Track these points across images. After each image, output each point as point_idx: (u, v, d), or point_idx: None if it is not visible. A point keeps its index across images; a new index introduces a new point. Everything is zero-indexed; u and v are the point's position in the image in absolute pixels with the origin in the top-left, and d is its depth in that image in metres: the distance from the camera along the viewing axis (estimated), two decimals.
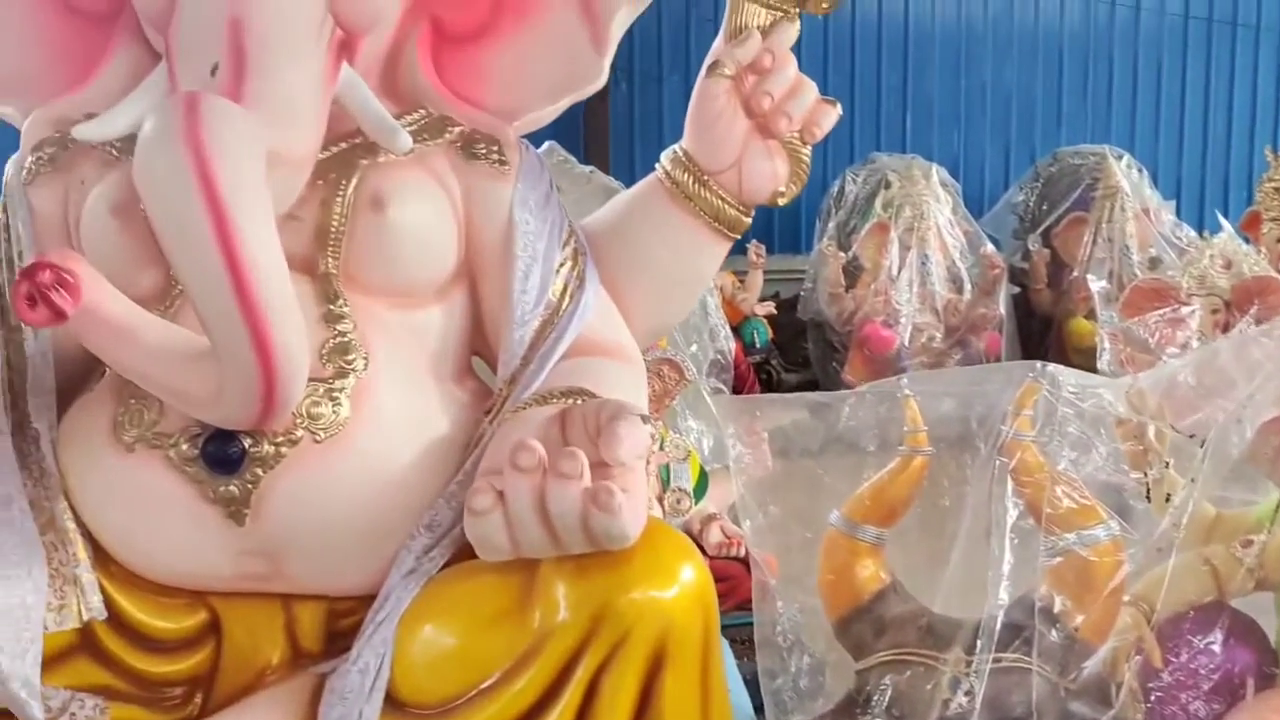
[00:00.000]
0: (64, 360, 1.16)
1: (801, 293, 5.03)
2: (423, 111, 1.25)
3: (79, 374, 1.17)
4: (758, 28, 1.30)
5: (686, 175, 1.30)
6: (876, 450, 1.45)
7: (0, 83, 1.26)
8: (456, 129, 1.25)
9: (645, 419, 0.99)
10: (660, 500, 2.28)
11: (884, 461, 1.44)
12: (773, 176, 1.31)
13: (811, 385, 5.10)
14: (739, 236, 1.36)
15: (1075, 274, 4.71)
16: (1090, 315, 4.60)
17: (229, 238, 0.90)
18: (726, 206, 1.31)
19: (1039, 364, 1.38)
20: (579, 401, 1.10)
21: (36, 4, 1.25)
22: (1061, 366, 1.40)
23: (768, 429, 1.60)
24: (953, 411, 1.42)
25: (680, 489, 2.31)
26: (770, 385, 4.82)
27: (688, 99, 1.33)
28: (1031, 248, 5.00)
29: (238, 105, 0.99)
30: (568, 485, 0.95)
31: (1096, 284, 4.60)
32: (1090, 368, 4.51)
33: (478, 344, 1.31)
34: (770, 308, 4.85)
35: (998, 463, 1.34)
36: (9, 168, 1.23)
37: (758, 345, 4.75)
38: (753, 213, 1.35)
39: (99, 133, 1.10)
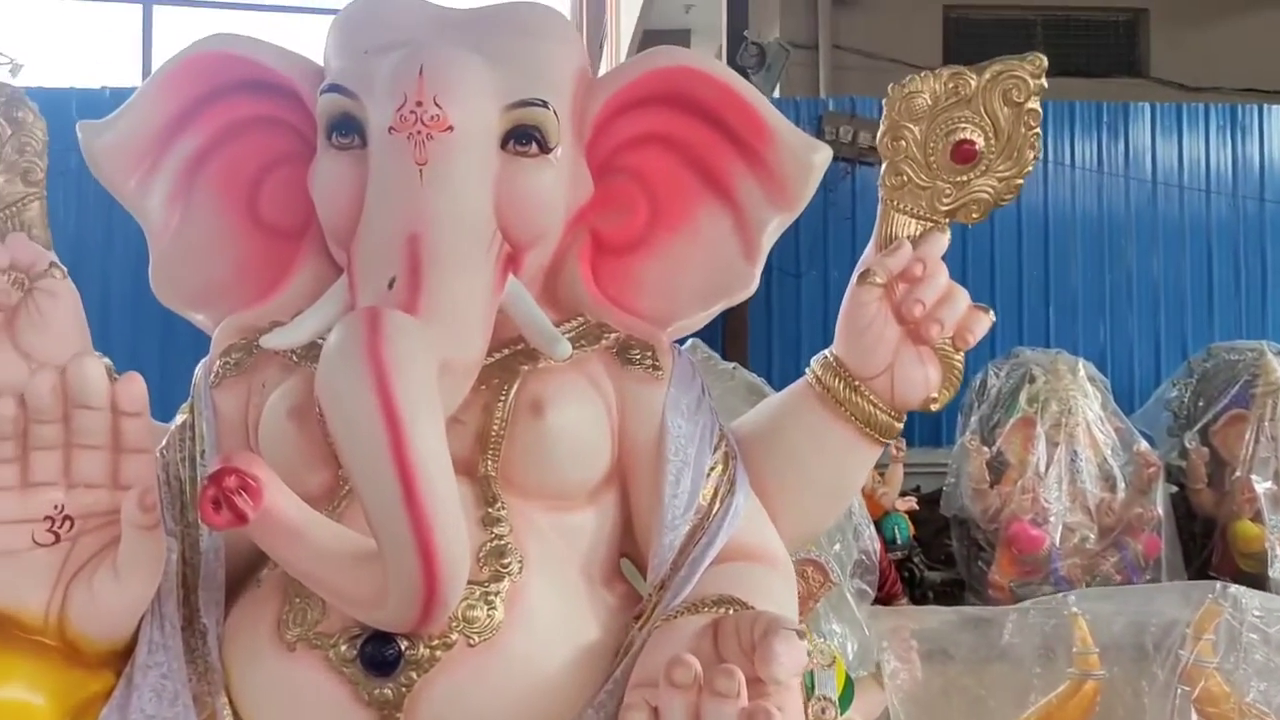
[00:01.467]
0: (232, 555, 1.21)
1: (944, 488, 4.91)
2: (581, 319, 1.30)
3: (245, 569, 1.21)
4: (908, 237, 1.32)
5: (837, 380, 1.30)
6: (1042, 671, 1.37)
7: (196, 294, 1.37)
8: (612, 335, 1.29)
9: (801, 633, 0.96)
10: (804, 709, 2.18)
11: (1051, 683, 1.35)
12: (925, 383, 1.30)
13: (956, 584, 4.92)
14: (889, 442, 1.35)
15: (1238, 474, 4.52)
16: (1256, 518, 4.38)
17: (402, 449, 0.94)
18: (878, 412, 1.30)
19: (1218, 584, 1.30)
20: (731, 611, 1.08)
21: (232, 223, 1.36)
22: (1244, 588, 1.31)
23: (917, 635, 1.54)
24: (1125, 632, 1.33)
25: (825, 698, 2.20)
26: (912, 583, 4.66)
27: (825, 295, 1.35)
28: (1189, 445, 4.79)
29: (414, 318, 1.04)
30: (724, 704, 0.92)
31: (1262, 485, 4.38)
32: (1260, 574, 4.26)
33: (627, 546, 1.31)
34: (911, 503, 4.74)
35: (1179, 691, 1.24)
36: (198, 370, 1.32)
37: (899, 541, 4.61)
38: (904, 418, 1.34)
39: (284, 341, 1.18)
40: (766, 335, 5.66)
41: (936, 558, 5.05)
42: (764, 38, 6.27)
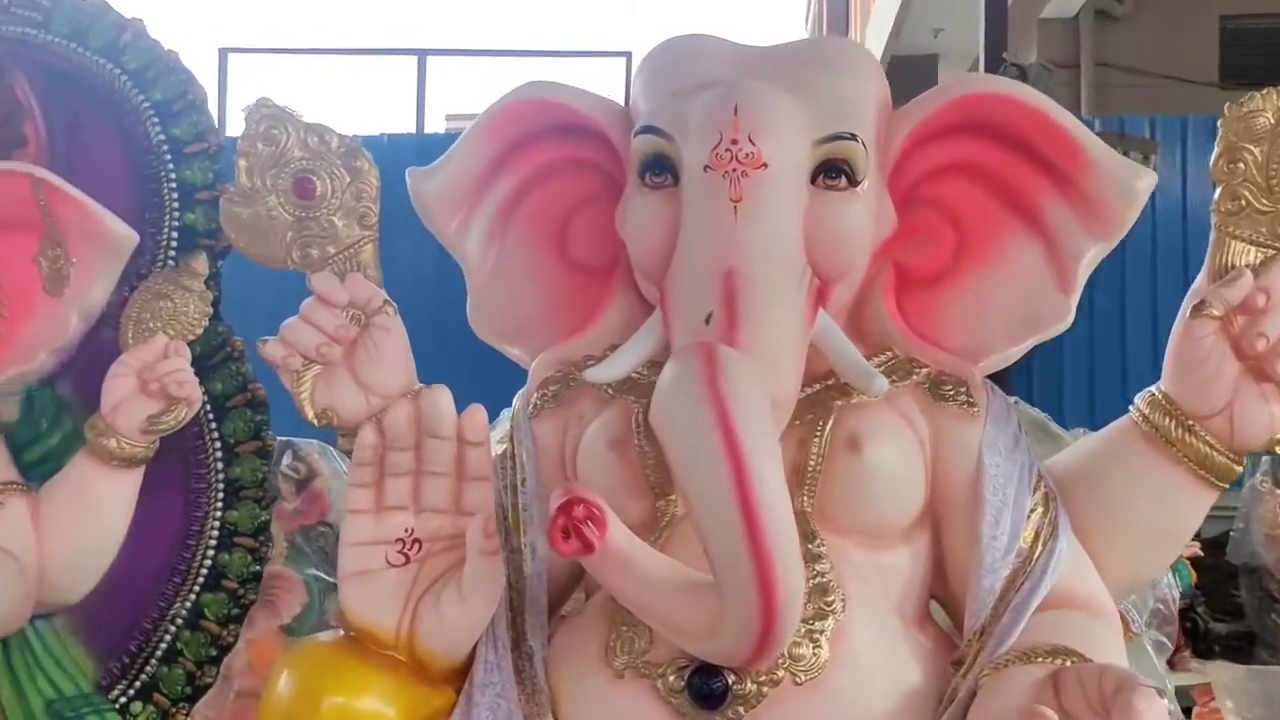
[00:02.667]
0: (551, 580, 1.26)
1: (1231, 533, 4.52)
2: (890, 353, 1.28)
3: (561, 594, 1.26)
4: (1247, 265, 1.23)
5: (1168, 420, 1.22)
6: None
7: (511, 328, 1.44)
8: (923, 370, 1.27)
9: (1161, 691, 0.90)
10: None
11: None
12: (1270, 424, 1.20)
13: (1244, 637, 4.53)
14: (1227, 486, 1.25)
15: None
16: None
17: (745, 483, 0.95)
18: (1215, 454, 1.21)
19: None
20: (1069, 663, 1.03)
21: (543, 262, 1.43)
22: None
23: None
24: None
25: None
26: (1195, 635, 4.32)
27: (1121, 329, 1.27)
28: None
29: (738, 353, 1.06)
30: None
31: None
32: None
33: (936, 588, 1.27)
34: (1195, 549, 4.39)
35: None
36: (516, 402, 1.39)
37: (1180, 590, 4.27)
38: (1244, 461, 1.24)
39: (605, 375, 1.22)
40: (1058, 372, 5.39)
41: (1222, 609, 4.65)
42: (1022, 59, 6.05)
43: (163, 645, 1.57)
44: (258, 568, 1.60)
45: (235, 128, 1.47)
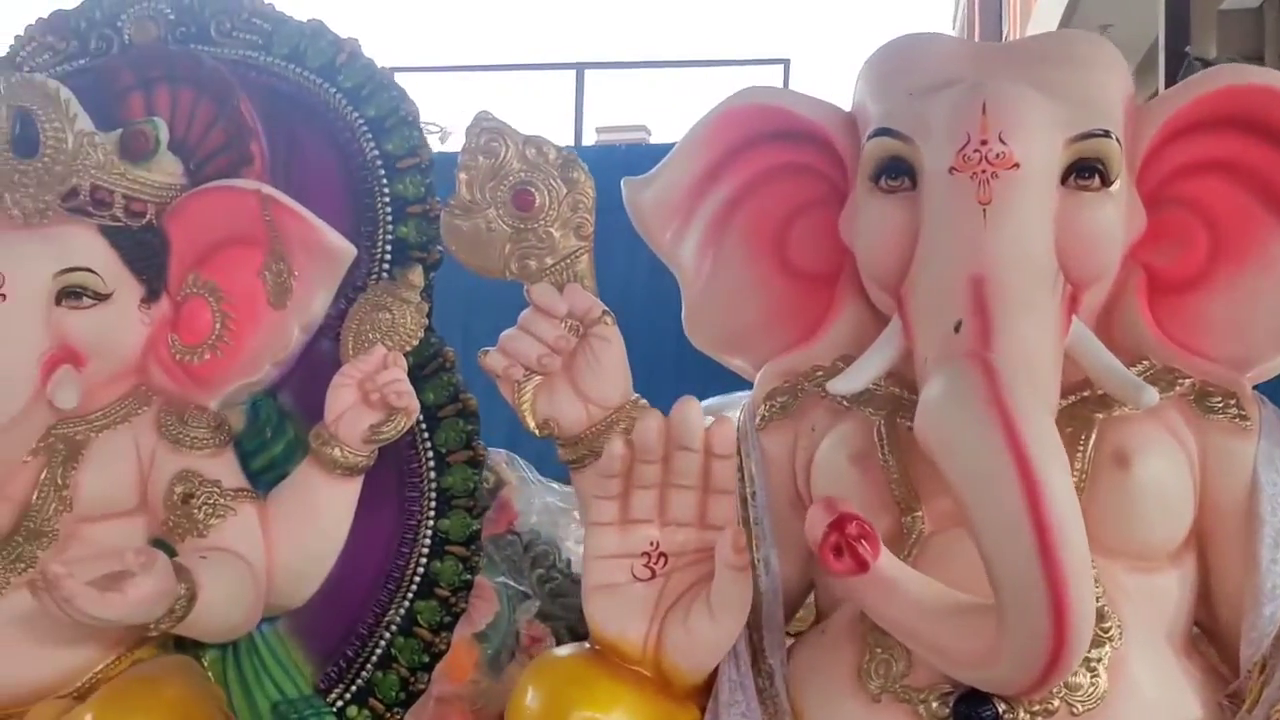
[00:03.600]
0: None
1: None
2: (1147, 362, 1.20)
3: (791, 612, 1.23)
4: None
5: None
6: None
7: (730, 338, 1.42)
8: (1186, 381, 1.19)
9: None
10: None
11: None
12: None
13: None
14: None
15: None
16: None
17: (1039, 502, 0.90)
18: None
19: None
20: None
21: (762, 270, 1.40)
22: None
23: None
24: None
25: None
26: None
27: None
28: None
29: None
30: None
31: None
32: None
33: (1200, 615, 1.19)
34: None
35: None
36: (741, 414, 1.36)
37: None
38: None
39: (846, 387, 1.18)
40: None
41: None
42: (1203, 53, 5.74)
43: (378, 651, 1.60)
44: (468, 576, 1.61)
45: None
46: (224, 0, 1.72)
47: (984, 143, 1.12)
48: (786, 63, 5.45)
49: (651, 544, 1.08)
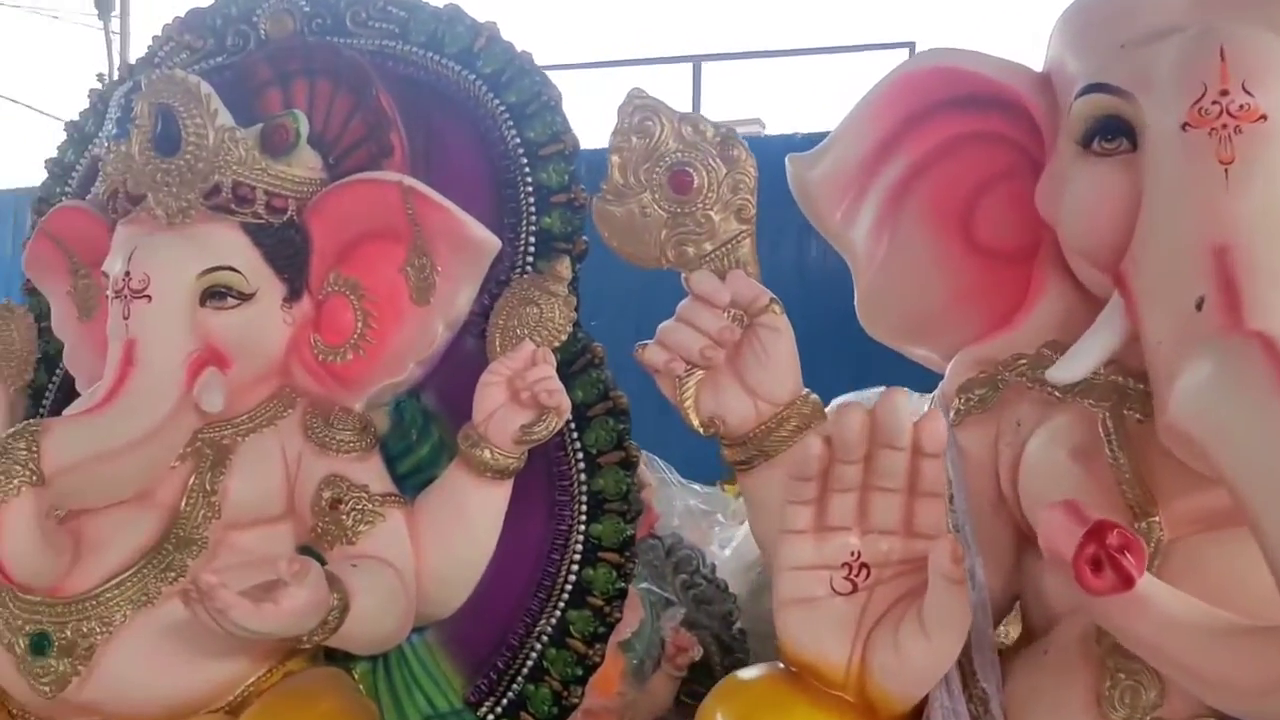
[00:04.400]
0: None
1: None
2: None
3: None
4: None
5: None
6: None
7: (911, 326, 1.30)
8: None
9: None
10: None
11: None
12: None
13: None
14: None
15: None
16: None
17: None
18: None
19: None
20: None
21: (946, 249, 1.28)
22: None
23: None
24: None
25: None
26: None
27: None
28: None
29: None
30: None
31: None
32: None
33: None
34: None
35: None
36: (926, 407, 1.24)
37: None
38: None
39: (1068, 375, 1.05)
40: None
41: None
42: None
43: (529, 662, 1.52)
44: (622, 584, 1.52)
45: None
46: None
47: (1224, 93, 0.97)
48: (911, 46, 5.24)
49: (852, 554, 0.97)
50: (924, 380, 1.37)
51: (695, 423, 1.27)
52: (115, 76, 1.94)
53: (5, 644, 1.33)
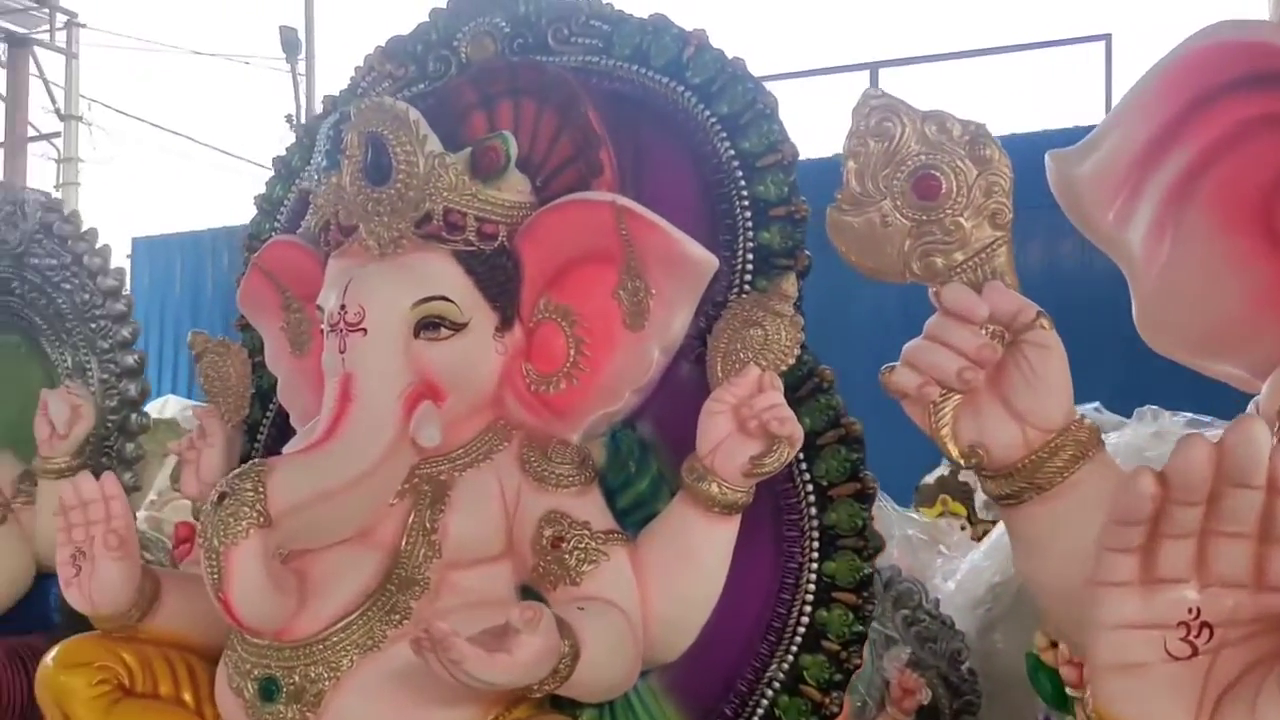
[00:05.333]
0: None
1: None
2: None
3: None
4: None
5: None
6: None
7: (1207, 338, 1.15)
8: None
9: None
10: None
11: None
12: None
13: None
14: None
15: None
16: None
17: None
18: None
19: None
20: None
21: (1246, 250, 1.12)
22: None
23: None
24: None
25: None
26: None
27: None
28: None
29: None
30: None
31: None
32: None
33: None
34: None
35: None
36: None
37: None
38: None
39: None
40: None
41: None
42: None
43: (759, 710, 1.42)
44: (860, 628, 1.40)
45: None
46: (560, 5, 1.62)
47: None
48: (1108, 38, 4.92)
49: (1190, 611, 0.82)
50: (1205, 397, 1.21)
51: (954, 453, 1.14)
52: (302, 118, 1.99)
53: (234, 688, 1.32)
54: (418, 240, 1.40)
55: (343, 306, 1.37)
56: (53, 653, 1.38)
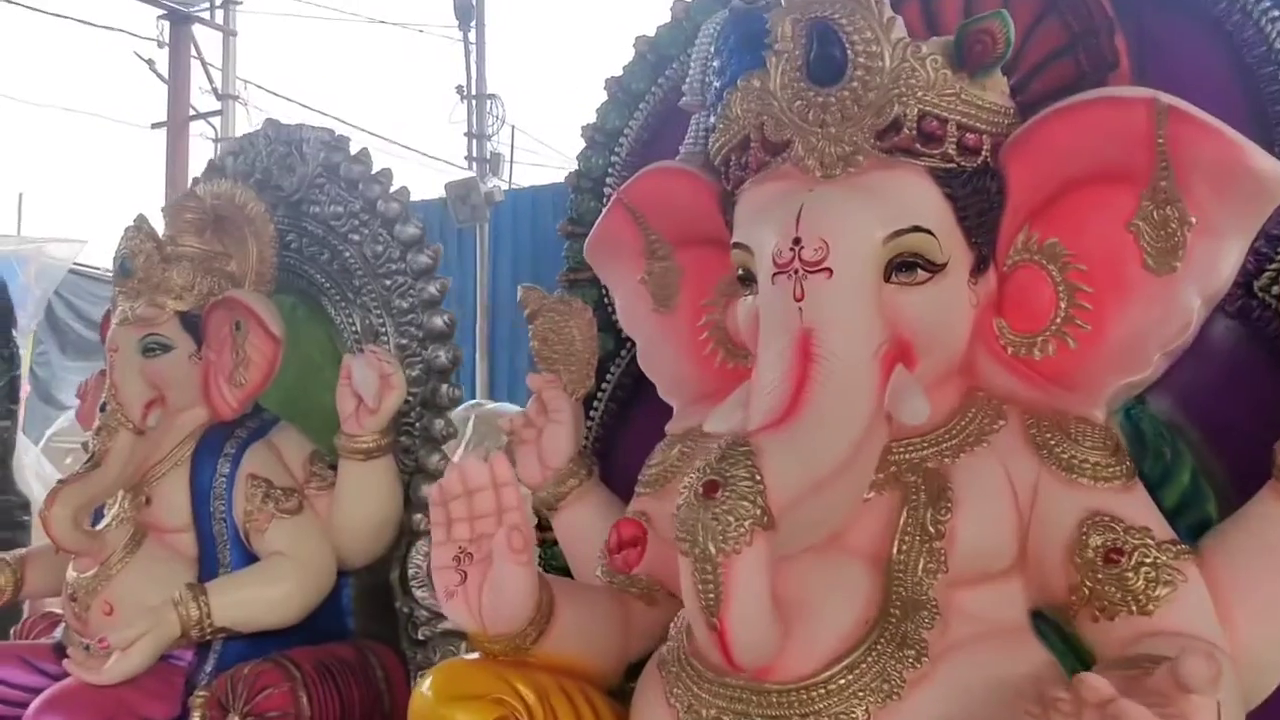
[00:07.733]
0: None
1: None
2: None
3: None
4: None
5: None
6: None
7: None
8: None
9: None
10: None
11: None
12: None
13: None
14: None
15: None
16: None
17: None
18: None
19: None
20: None
21: None
22: None
23: None
24: None
25: None
26: None
27: None
28: None
29: None
30: None
31: None
32: None
33: None
34: None
35: None
36: None
37: None
38: None
39: None
40: None
41: None
42: None
43: None
44: None
45: None
46: None
47: None
48: None
49: None
50: None
51: None
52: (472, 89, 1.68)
53: None
54: (878, 156, 1.07)
55: (797, 240, 1.04)
56: (429, 679, 1.08)
